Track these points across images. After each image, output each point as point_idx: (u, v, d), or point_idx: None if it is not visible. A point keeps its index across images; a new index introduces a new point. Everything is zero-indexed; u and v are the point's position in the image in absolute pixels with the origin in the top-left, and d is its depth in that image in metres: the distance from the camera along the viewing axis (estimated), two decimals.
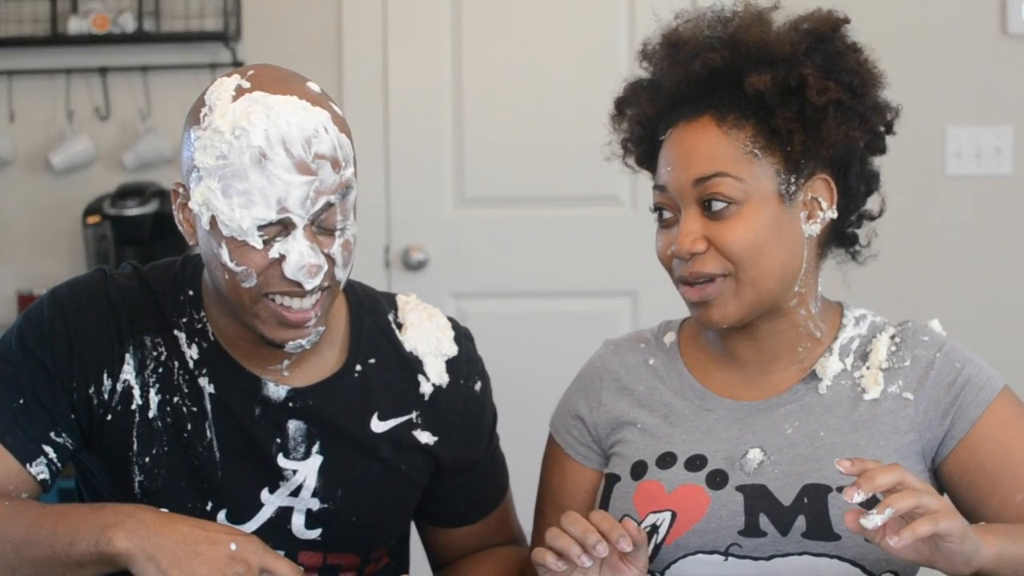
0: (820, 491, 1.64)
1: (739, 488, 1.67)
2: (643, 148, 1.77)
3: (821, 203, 1.69)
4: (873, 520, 1.41)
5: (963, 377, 1.69)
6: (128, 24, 3.72)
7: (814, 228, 1.69)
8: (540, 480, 1.85)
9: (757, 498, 1.65)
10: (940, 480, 1.70)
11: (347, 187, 1.59)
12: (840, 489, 1.61)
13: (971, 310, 3.74)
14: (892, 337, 1.73)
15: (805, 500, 1.64)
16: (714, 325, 1.69)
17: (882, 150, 1.75)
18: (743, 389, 1.74)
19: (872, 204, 1.77)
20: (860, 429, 1.68)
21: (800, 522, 1.63)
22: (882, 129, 1.73)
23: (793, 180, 1.66)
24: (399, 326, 1.79)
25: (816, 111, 1.65)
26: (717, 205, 1.64)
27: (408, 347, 1.77)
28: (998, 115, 3.74)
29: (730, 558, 1.64)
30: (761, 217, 1.65)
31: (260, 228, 1.56)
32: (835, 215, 1.70)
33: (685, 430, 1.73)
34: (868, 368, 1.71)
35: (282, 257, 1.57)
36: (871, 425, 1.68)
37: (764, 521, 1.64)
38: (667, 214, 1.69)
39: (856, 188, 1.72)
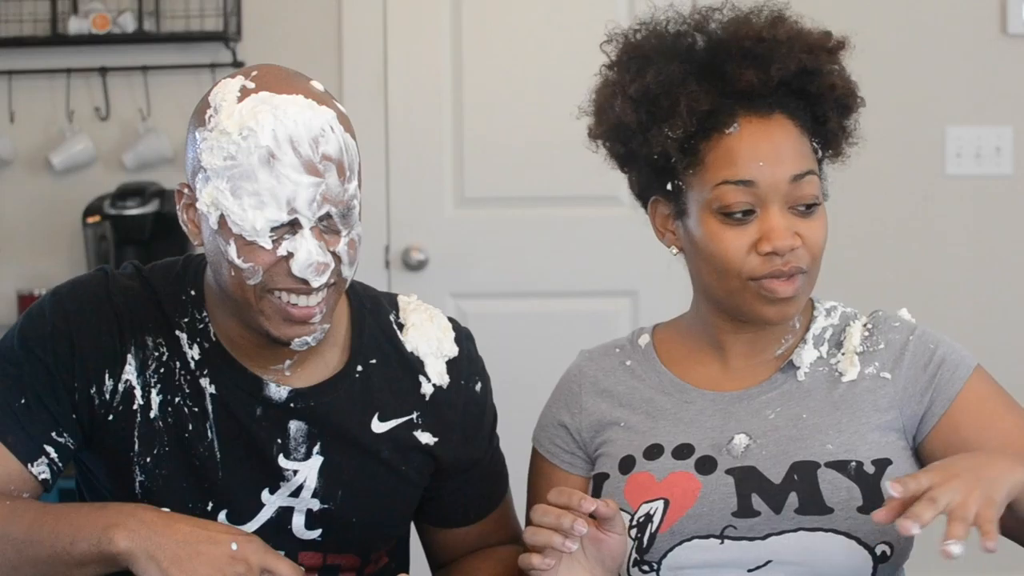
0: (809, 467, 1.66)
1: (729, 471, 1.68)
2: (692, 143, 1.70)
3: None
4: (958, 549, 1.40)
5: (938, 356, 1.71)
6: (128, 24, 3.72)
7: None
8: (528, 495, 1.85)
9: (747, 479, 1.67)
10: (923, 457, 1.71)
11: (349, 206, 1.60)
12: (829, 464, 1.64)
13: (970, 310, 3.74)
14: (864, 324, 1.76)
15: (795, 477, 1.65)
16: (786, 320, 1.71)
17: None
18: (723, 381, 1.76)
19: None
20: (841, 408, 1.70)
21: (792, 499, 1.64)
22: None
23: (825, 179, 1.74)
24: (400, 327, 1.79)
25: (845, 113, 1.73)
26: (809, 203, 1.67)
27: (409, 348, 1.77)
28: (998, 115, 3.73)
29: (726, 541, 1.65)
30: (826, 216, 1.70)
31: (272, 230, 1.57)
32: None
33: (669, 422, 1.74)
34: (843, 354, 1.74)
35: (290, 255, 1.58)
36: (851, 404, 1.70)
37: (757, 501, 1.65)
38: (740, 212, 1.66)
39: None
